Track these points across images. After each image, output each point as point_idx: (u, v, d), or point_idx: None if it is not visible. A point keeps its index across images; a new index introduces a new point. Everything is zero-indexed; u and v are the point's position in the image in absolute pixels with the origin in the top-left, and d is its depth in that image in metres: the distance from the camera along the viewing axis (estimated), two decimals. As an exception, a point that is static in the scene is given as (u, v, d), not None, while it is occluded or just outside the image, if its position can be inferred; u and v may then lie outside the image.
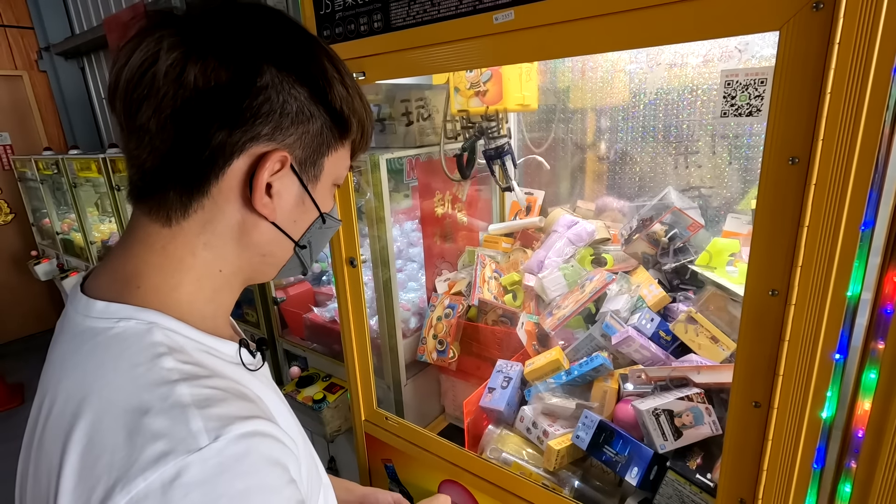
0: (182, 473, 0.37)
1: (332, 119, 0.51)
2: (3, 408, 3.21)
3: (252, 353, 0.56)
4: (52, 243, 3.76)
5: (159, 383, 0.41)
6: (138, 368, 0.42)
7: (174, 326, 0.47)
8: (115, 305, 0.46)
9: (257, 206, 0.49)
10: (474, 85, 1.28)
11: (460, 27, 0.80)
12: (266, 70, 0.46)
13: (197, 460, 0.37)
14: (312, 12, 1.00)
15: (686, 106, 1.33)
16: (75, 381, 0.43)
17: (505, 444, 1.11)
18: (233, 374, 0.49)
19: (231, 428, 0.40)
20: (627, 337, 1.05)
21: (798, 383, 0.63)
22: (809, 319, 0.60)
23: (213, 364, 0.48)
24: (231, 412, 0.42)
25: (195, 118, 0.44)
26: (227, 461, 0.39)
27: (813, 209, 0.57)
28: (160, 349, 0.44)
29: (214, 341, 0.51)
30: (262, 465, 0.41)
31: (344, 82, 0.52)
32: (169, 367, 0.43)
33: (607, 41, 0.67)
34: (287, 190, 0.51)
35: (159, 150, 0.45)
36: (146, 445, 0.38)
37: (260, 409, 0.46)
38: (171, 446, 0.38)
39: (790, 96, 0.56)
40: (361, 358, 1.26)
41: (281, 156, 0.48)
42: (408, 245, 1.90)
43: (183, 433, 0.38)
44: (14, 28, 3.93)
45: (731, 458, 0.72)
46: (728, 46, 1.20)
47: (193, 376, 0.43)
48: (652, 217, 1.27)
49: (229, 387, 0.45)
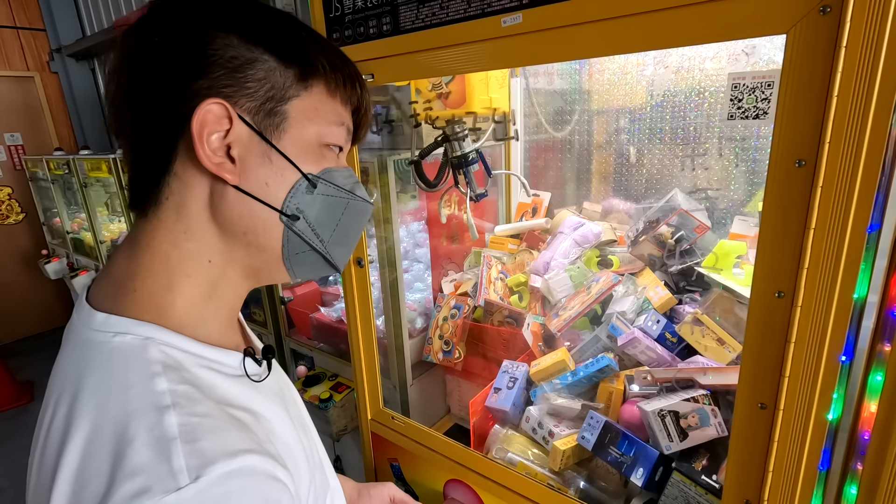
0: None
1: (281, 59, 0.47)
2: (12, 405, 3.25)
3: (258, 362, 0.53)
4: (62, 242, 3.80)
5: (149, 409, 0.40)
6: (131, 390, 0.41)
7: (171, 340, 0.45)
8: (113, 318, 0.45)
9: (205, 163, 0.45)
10: (436, 86, 1.21)
11: (469, 30, 0.81)
12: (208, 31, 0.45)
13: (174, 501, 0.36)
14: (322, 15, 1.01)
15: (693, 108, 1.33)
16: (75, 393, 0.42)
17: (510, 444, 1.12)
18: (231, 391, 0.47)
19: (214, 467, 0.38)
20: (633, 338, 1.05)
21: (804, 385, 0.63)
22: (816, 321, 0.61)
23: (211, 381, 0.46)
24: (218, 447, 0.39)
25: (142, 96, 0.45)
26: (206, 501, 0.37)
27: (819, 211, 0.57)
28: (154, 368, 0.42)
29: (216, 353, 0.48)
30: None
31: (294, 27, 0.49)
32: (161, 389, 0.41)
33: (616, 44, 0.67)
34: (248, 150, 0.46)
35: (130, 144, 0.47)
36: (125, 481, 0.36)
37: (255, 437, 0.44)
38: (149, 484, 0.36)
39: (797, 99, 0.57)
40: (368, 358, 1.27)
41: (216, 103, 0.44)
42: (414, 246, 1.91)
43: (163, 471, 0.37)
44: (26, 30, 3.99)
45: (737, 459, 0.72)
46: (735, 49, 1.21)
47: (186, 399, 0.41)
48: (658, 219, 1.28)
49: (222, 413, 0.43)
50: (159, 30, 0.45)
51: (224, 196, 0.47)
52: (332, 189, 0.51)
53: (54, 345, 3.87)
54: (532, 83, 1.60)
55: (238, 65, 0.45)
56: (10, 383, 3.28)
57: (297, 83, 0.48)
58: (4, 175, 4.06)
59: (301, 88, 0.48)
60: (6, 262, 4.12)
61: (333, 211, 0.52)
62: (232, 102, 0.45)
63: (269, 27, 0.47)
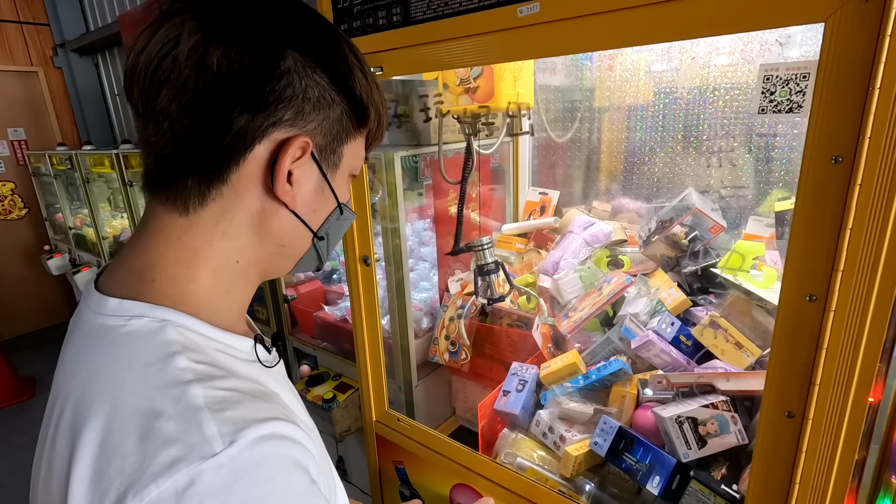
0: (196, 481, 0.35)
1: (351, 107, 0.51)
2: (14, 400, 3.24)
3: (268, 349, 0.55)
4: (64, 238, 3.79)
5: (172, 384, 0.40)
6: (150, 368, 0.41)
7: (188, 323, 0.45)
8: (127, 303, 0.45)
9: (279, 193, 0.48)
10: (464, 81, 1.20)
11: (483, 20, 0.78)
12: (288, 54, 0.45)
13: (211, 467, 0.36)
14: (330, 6, 0.99)
15: (707, 106, 1.30)
16: (87, 380, 0.42)
17: (520, 449, 1.09)
18: (248, 373, 0.48)
19: (247, 432, 0.38)
20: (648, 341, 1.02)
21: (836, 393, 0.60)
22: (850, 327, 0.58)
23: (227, 363, 0.46)
24: (246, 415, 0.40)
25: (217, 102, 0.43)
26: (242, 467, 0.37)
27: (857, 211, 0.54)
28: (174, 347, 0.42)
29: (230, 338, 0.49)
30: (281, 470, 0.39)
31: (363, 70, 0.51)
32: (182, 366, 0.41)
33: (640, 34, 0.64)
34: (307, 178, 0.50)
35: (178, 136, 0.44)
36: (158, 451, 0.36)
37: (278, 408, 0.45)
38: (184, 452, 0.36)
39: (835, 92, 0.54)
40: (373, 357, 1.24)
41: (303, 141, 0.47)
42: (419, 244, 1.88)
43: (196, 438, 0.37)
44: (30, 24, 3.97)
45: (761, 469, 0.69)
46: (752, 42, 1.17)
47: (207, 377, 0.42)
48: (672, 218, 1.24)
49: (246, 387, 0.44)
50: (242, 40, 0.43)
51: (276, 214, 0.50)
52: (347, 213, 0.58)
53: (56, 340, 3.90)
54: (540, 79, 1.57)
55: (324, 105, 0.48)
56: (12, 379, 3.27)
57: (355, 129, 0.53)
58: (7, 170, 4.05)
59: (357, 134, 0.54)
60: (9, 257, 4.11)
61: (340, 229, 0.59)
62: (310, 138, 0.48)
63: (350, 70, 0.49)
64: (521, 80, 1.24)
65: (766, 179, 1.27)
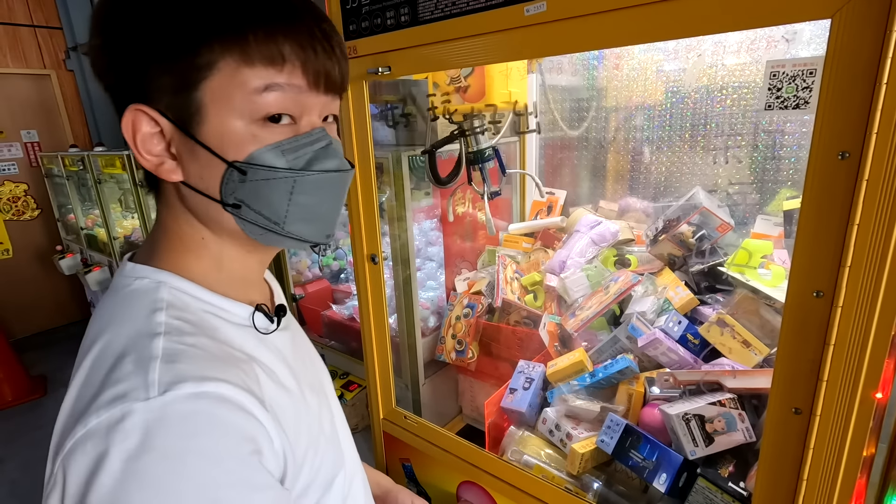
0: (125, 418, 0.38)
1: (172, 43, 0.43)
2: (26, 399, 3.27)
3: (270, 318, 0.55)
4: (76, 238, 3.83)
5: (145, 334, 0.44)
6: (136, 321, 0.45)
7: (182, 286, 0.49)
8: (139, 266, 0.50)
9: (144, 165, 0.47)
10: (454, 80, 1.17)
11: (490, 19, 0.79)
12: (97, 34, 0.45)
13: (141, 409, 0.38)
14: (339, 7, 1.00)
15: (714, 104, 1.30)
16: (97, 327, 0.47)
17: (526, 446, 1.09)
18: (233, 336, 0.49)
19: (184, 385, 0.40)
20: (655, 339, 1.02)
21: (843, 390, 0.60)
22: (858, 323, 0.58)
23: (213, 324, 0.49)
24: (192, 370, 0.42)
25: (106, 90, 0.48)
26: (169, 416, 0.39)
27: (864, 206, 0.54)
28: (159, 304, 0.46)
29: (224, 302, 0.51)
30: (208, 429, 0.40)
31: None
32: (158, 321, 0.45)
33: (647, 32, 0.65)
34: (181, 144, 0.46)
35: None
36: (108, 387, 0.40)
37: (239, 374, 0.45)
38: (125, 391, 0.39)
39: (841, 88, 0.54)
40: (381, 356, 1.25)
41: (134, 109, 0.44)
42: (426, 244, 1.89)
43: (139, 382, 0.40)
44: (43, 28, 4.03)
45: (768, 466, 0.69)
46: (759, 39, 1.17)
47: (177, 331, 0.45)
48: (679, 218, 1.24)
49: (212, 347, 0.46)
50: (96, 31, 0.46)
51: (179, 189, 0.49)
52: (266, 172, 0.47)
53: (68, 339, 3.94)
54: (547, 79, 1.58)
55: (137, 61, 0.44)
56: (24, 377, 3.31)
57: (199, 68, 0.43)
58: (21, 172, 4.11)
59: (206, 68, 0.43)
60: (21, 257, 4.16)
61: (279, 193, 0.48)
62: (154, 103, 0.45)
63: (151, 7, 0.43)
64: (514, 78, 1.22)
65: (774, 178, 1.26)
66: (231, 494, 0.40)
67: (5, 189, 4.04)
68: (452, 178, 1.27)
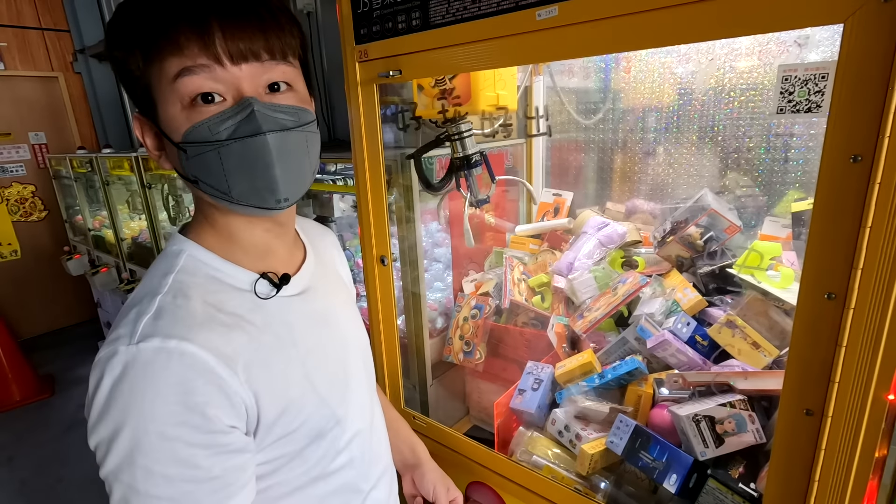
0: (112, 356, 0.50)
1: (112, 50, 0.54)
2: (34, 399, 3.30)
3: (276, 285, 0.62)
4: (83, 239, 3.86)
5: (152, 292, 0.55)
6: (154, 279, 0.57)
7: (198, 254, 0.59)
8: (177, 236, 0.61)
9: (156, 162, 0.60)
10: (439, 83, 1.14)
11: (502, 24, 0.79)
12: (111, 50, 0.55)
13: (123, 352, 0.50)
14: (350, 10, 1.01)
15: (722, 107, 1.30)
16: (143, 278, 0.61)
17: (535, 447, 1.10)
18: (227, 299, 0.58)
19: (152, 339, 0.50)
20: (664, 340, 1.03)
21: (855, 391, 0.61)
22: (870, 324, 0.58)
23: (213, 287, 0.58)
24: (167, 327, 0.51)
25: None
26: (134, 362, 0.49)
27: (877, 209, 0.55)
28: (175, 266, 0.57)
29: (229, 267, 0.60)
30: (165, 377, 0.49)
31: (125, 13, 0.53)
32: (168, 282, 0.56)
33: (659, 36, 0.65)
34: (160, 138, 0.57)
35: None
36: (116, 328, 0.53)
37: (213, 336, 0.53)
38: (118, 335, 0.51)
39: (854, 92, 0.54)
40: (390, 357, 1.26)
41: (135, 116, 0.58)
42: (433, 245, 1.89)
43: (128, 330, 0.51)
44: (51, 31, 4.06)
45: (780, 467, 0.70)
46: (769, 43, 1.17)
47: (176, 291, 0.55)
48: (687, 219, 1.25)
49: (200, 310, 0.54)
50: None
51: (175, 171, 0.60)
52: (199, 147, 0.53)
53: (76, 340, 3.95)
54: (556, 81, 1.58)
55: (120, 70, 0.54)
56: (32, 377, 3.34)
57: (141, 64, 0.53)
58: (28, 173, 4.14)
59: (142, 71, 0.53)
60: (29, 258, 4.20)
61: (213, 164, 0.53)
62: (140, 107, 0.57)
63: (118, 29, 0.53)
64: (502, 81, 1.18)
65: (782, 180, 1.26)
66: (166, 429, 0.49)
67: (13, 190, 4.07)
68: (445, 183, 1.26)
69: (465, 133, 1.16)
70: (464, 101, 1.13)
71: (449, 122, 1.15)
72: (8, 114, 3.95)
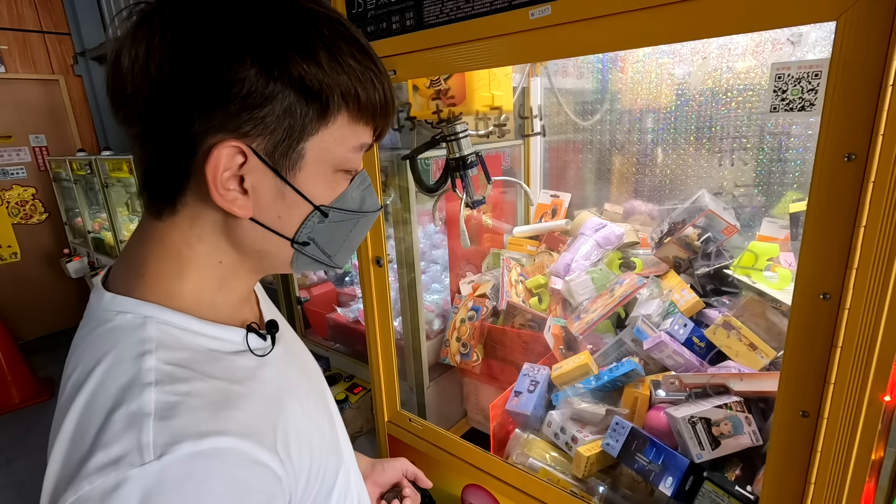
0: (121, 486, 0.36)
1: (303, 96, 0.43)
2: (33, 401, 3.29)
3: (262, 336, 0.53)
4: (83, 242, 3.86)
5: (134, 384, 0.41)
6: (123, 365, 0.42)
7: (173, 319, 0.46)
8: (119, 298, 0.47)
9: (218, 202, 0.44)
10: (434, 83, 1.13)
11: (495, 23, 0.79)
12: (212, 55, 0.41)
13: (138, 475, 0.37)
14: (344, 11, 1.01)
15: (719, 107, 1.30)
16: (78, 370, 0.44)
17: (531, 449, 1.09)
18: (230, 366, 0.48)
19: (181, 446, 0.38)
20: (661, 342, 1.02)
21: (851, 392, 0.60)
22: (865, 325, 0.57)
23: (213, 356, 0.47)
24: (189, 426, 0.40)
25: (155, 113, 0.43)
26: (168, 481, 0.37)
27: (871, 208, 0.54)
28: (147, 346, 0.43)
29: (219, 330, 0.49)
30: (212, 488, 0.39)
31: (315, 50, 0.43)
32: (148, 366, 0.42)
33: (651, 35, 0.65)
34: (262, 183, 0.46)
35: (141, 147, 0.46)
36: (99, 450, 0.38)
37: (238, 418, 0.43)
38: (118, 456, 0.37)
39: (847, 90, 0.54)
40: (386, 359, 1.25)
41: (232, 146, 0.43)
42: (431, 247, 1.89)
43: (132, 445, 0.38)
44: (52, 34, 4.07)
45: (776, 469, 0.69)
46: (764, 42, 1.17)
47: (170, 379, 0.42)
48: (684, 220, 1.24)
49: (210, 390, 0.43)
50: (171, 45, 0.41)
51: (239, 224, 0.47)
52: (343, 215, 0.51)
53: (75, 342, 3.86)
54: (552, 82, 1.58)
55: (257, 102, 0.42)
56: (31, 380, 3.34)
57: (317, 119, 0.45)
58: (29, 176, 4.15)
59: (322, 125, 0.45)
60: (29, 260, 4.20)
61: (343, 231, 0.52)
62: (248, 139, 0.44)
63: (289, 55, 0.42)
64: (496, 81, 1.18)
65: (779, 181, 1.26)
66: None
67: (14, 193, 4.08)
68: (440, 184, 1.25)
69: (460, 134, 1.16)
70: (458, 102, 1.13)
71: (444, 123, 1.15)
72: (9, 116, 3.96)
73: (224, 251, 0.49)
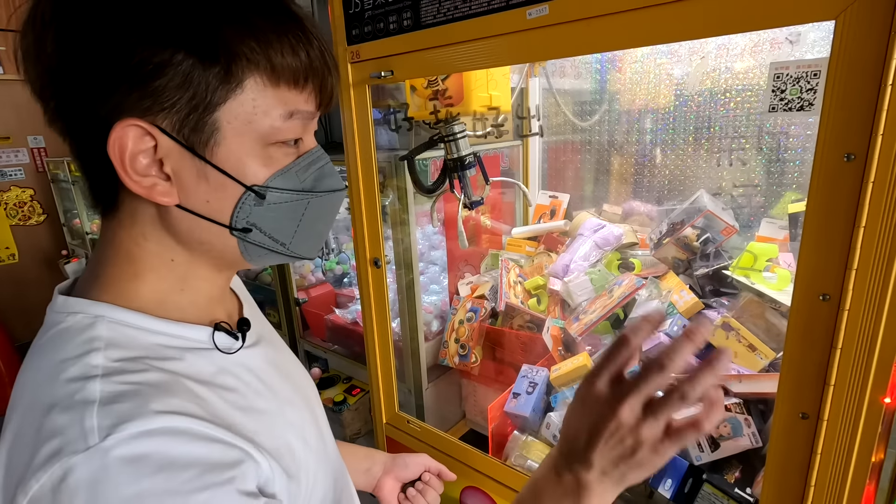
0: (68, 475, 0.34)
1: (199, 60, 0.39)
2: (31, 403, 3.29)
3: (234, 335, 0.51)
4: (81, 243, 3.86)
5: (76, 379, 0.38)
6: (65, 364, 0.40)
7: (127, 318, 0.43)
8: (71, 300, 0.44)
9: (133, 188, 0.41)
10: (432, 83, 1.12)
11: (492, 23, 0.79)
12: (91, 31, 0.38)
13: (82, 461, 0.34)
14: (342, 11, 1.00)
15: (718, 107, 1.29)
16: (24, 376, 0.42)
17: (530, 451, 1.08)
18: (194, 364, 0.45)
19: (126, 426, 0.36)
20: (659, 343, 1.02)
21: (851, 394, 0.60)
22: (865, 326, 0.57)
23: (166, 354, 0.44)
24: (137, 408, 0.37)
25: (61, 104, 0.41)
26: (114, 462, 0.34)
27: (871, 208, 0.54)
28: (96, 344, 0.41)
29: (178, 328, 0.46)
30: (164, 467, 0.36)
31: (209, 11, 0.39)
32: (94, 363, 0.39)
33: (649, 34, 0.65)
34: (181, 165, 0.42)
35: (69, 145, 0.43)
36: (42, 444, 0.36)
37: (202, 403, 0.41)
38: (61, 446, 0.35)
39: (846, 89, 0.53)
40: (384, 360, 1.25)
41: (133, 125, 0.39)
42: (429, 248, 1.89)
43: (75, 432, 0.35)
44: (50, 35, 4.07)
45: (775, 472, 0.68)
46: (762, 41, 1.17)
47: (118, 372, 0.39)
48: (683, 221, 1.24)
49: (166, 380, 0.41)
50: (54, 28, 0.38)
51: (169, 212, 0.44)
52: (285, 195, 0.46)
53: (72, 344, 3.94)
54: (550, 82, 1.58)
55: (149, 73, 0.38)
56: (29, 382, 3.33)
57: (222, 85, 0.40)
58: (27, 177, 4.14)
59: (229, 91, 0.40)
60: (28, 262, 4.19)
61: (292, 214, 0.47)
62: (151, 117, 0.39)
63: (179, 17, 0.38)
64: (494, 81, 1.17)
65: (778, 181, 1.26)
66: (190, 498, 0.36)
67: (12, 194, 4.07)
68: (439, 185, 1.25)
69: (458, 134, 1.15)
70: (456, 102, 1.13)
71: (442, 124, 1.15)
72: (7, 118, 3.95)
73: (172, 248, 0.46)
